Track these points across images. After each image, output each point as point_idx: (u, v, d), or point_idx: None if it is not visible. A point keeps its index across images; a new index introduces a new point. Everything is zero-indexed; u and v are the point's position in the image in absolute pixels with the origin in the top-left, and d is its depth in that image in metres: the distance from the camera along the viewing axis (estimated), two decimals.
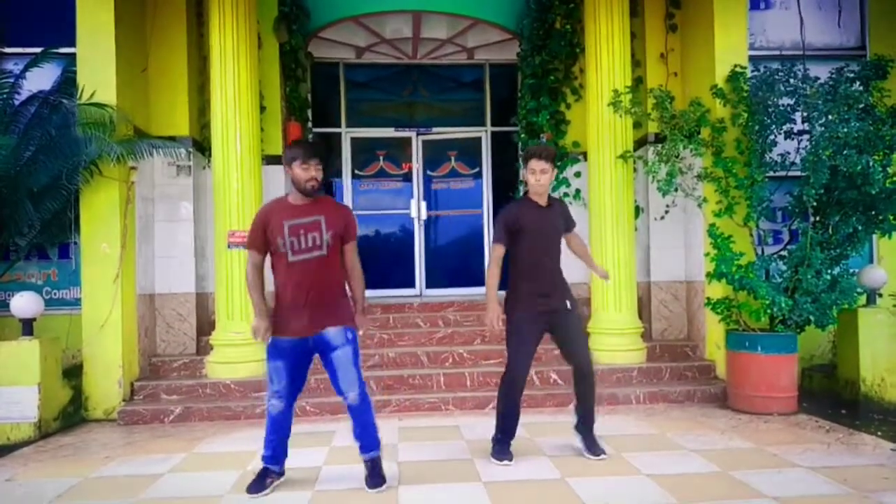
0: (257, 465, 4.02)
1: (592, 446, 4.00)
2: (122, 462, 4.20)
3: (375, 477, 3.54)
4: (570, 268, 4.15)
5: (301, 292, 3.40)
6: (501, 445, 3.97)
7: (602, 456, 3.95)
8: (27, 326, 5.06)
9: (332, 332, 3.42)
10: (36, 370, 4.91)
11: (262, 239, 3.45)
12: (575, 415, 4.09)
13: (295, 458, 4.10)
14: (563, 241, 4.04)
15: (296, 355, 3.46)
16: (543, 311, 3.82)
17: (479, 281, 8.34)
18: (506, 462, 3.87)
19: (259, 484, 3.54)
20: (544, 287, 3.84)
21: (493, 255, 3.88)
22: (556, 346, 4.01)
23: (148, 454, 4.35)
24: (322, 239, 3.40)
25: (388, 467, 3.88)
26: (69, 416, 5.27)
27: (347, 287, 3.62)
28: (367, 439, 3.55)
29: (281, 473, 3.63)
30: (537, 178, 3.81)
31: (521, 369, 3.84)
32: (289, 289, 3.43)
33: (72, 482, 3.80)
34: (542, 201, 3.90)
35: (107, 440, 4.79)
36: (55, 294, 6.21)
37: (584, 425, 4.05)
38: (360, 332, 3.58)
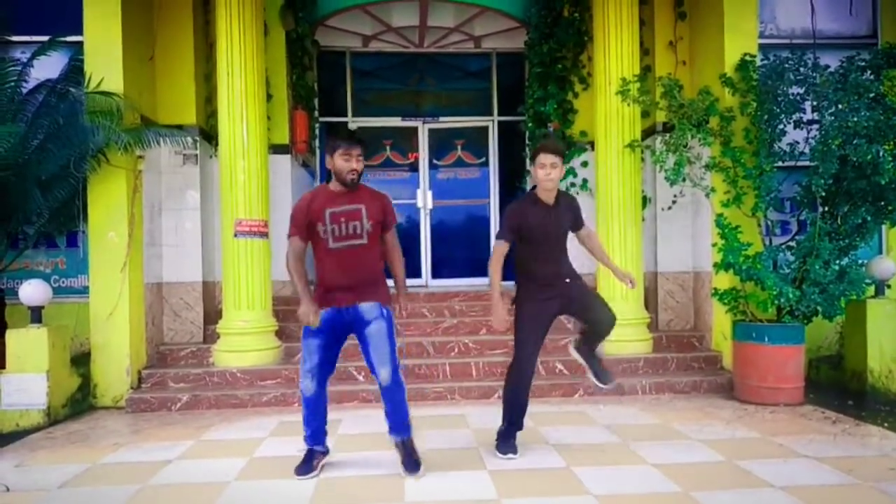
0: (264, 452, 4.08)
1: (600, 373, 3.99)
2: (130, 449, 4.23)
3: (410, 462, 3.57)
4: (577, 257, 4.11)
5: (340, 277, 3.47)
6: (506, 438, 3.93)
7: (610, 384, 3.96)
8: (36, 314, 5.09)
9: (367, 307, 3.48)
10: (44, 358, 4.94)
11: (304, 225, 3.50)
12: (580, 336, 4.04)
13: (300, 446, 4.12)
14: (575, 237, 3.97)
15: (331, 330, 3.51)
16: (550, 299, 3.78)
17: (484, 271, 8.32)
18: (510, 455, 3.83)
19: (307, 465, 3.59)
20: (548, 280, 3.78)
21: (494, 252, 3.77)
22: (577, 320, 3.99)
23: (156, 441, 4.38)
24: (362, 227, 3.46)
25: (394, 456, 3.91)
26: (77, 403, 5.31)
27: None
28: (398, 421, 3.58)
29: (325, 452, 3.70)
30: (547, 172, 3.67)
31: (528, 361, 3.82)
32: (328, 273, 3.50)
33: (80, 468, 3.84)
34: (550, 198, 3.76)
35: (115, 427, 4.83)
36: (63, 282, 6.25)
37: (590, 347, 4.01)
38: (399, 314, 3.63)
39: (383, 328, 3.47)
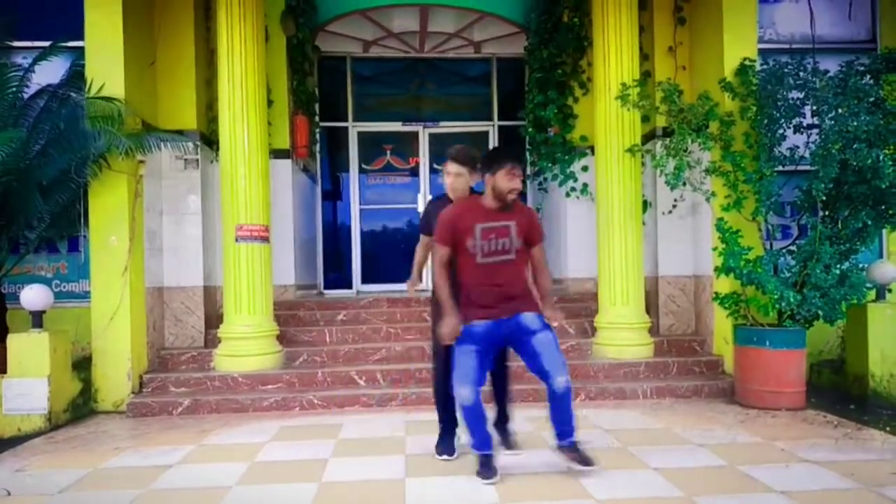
0: (266, 456, 4.07)
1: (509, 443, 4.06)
2: (130, 453, 4.23)
3: (586, 459, 3.54)
4: (578, 261, 4.11)
5: (489, 291, 3.50)
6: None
7: (514, 450, 3.98)
8: (37, 319, 5.08)
9: (529, 317, 3.50)
10: (46, 362, 4.94)
11: (450, 236, 3.54)
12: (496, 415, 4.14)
13: (302, 451, 4.13)
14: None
15: (486, 341, 3.52)
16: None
17: None
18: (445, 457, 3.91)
19: (489, 469, 3.52)
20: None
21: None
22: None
23: (157, 446, 4.38)
24: (511, 244, 3.49)
25: (395, 460, 3.91)
26: (79, 407, 5.31)
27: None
28: (568, 426, 3.57)
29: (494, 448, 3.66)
30: (452, 180, 3.79)
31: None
32: (476, 287, 3.52)
33: (81, 473, 3.83)
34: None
35: (116, 432, 4.83)
36: (64, 287, 6.25)
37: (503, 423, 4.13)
38: (555, 325, 3.61)
39: (551, 337, 3.48)
